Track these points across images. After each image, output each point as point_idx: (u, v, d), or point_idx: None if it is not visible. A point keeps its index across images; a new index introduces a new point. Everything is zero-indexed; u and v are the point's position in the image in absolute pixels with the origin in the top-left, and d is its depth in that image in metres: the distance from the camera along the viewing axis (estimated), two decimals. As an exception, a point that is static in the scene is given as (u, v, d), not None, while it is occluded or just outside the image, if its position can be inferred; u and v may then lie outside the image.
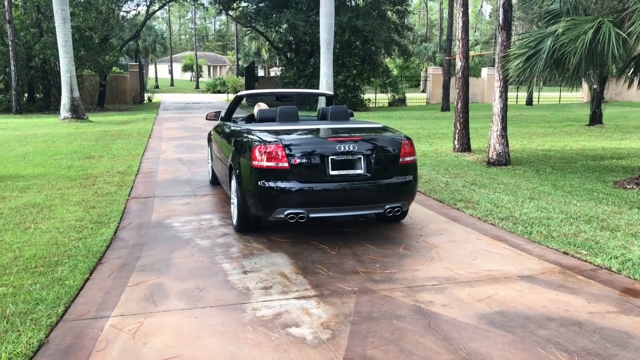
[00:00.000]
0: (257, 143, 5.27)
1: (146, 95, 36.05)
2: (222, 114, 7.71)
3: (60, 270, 4.59)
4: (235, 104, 7.36)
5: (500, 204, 7.06)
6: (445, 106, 26.48)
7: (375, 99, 31.81)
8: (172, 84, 69.91)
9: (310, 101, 22.25)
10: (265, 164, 5.13)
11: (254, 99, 13.60)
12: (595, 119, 19.00)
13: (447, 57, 26.44)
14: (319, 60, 20.67)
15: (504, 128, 10.72)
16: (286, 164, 5.08)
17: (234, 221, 5.86)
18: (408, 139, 5.50)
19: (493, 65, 47.32)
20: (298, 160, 5.08)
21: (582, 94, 36.87)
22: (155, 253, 5.17)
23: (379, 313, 3.84)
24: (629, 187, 8.76)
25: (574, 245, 5.32)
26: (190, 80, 79.34)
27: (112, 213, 6.53)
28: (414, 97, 36.30)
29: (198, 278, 4.51)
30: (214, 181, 8.14)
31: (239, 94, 7.17)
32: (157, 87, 59.47)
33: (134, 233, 5.83)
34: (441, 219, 6.37)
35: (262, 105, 7.31)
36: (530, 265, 4.82)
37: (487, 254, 5.11)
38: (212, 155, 8.02)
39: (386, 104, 32.12)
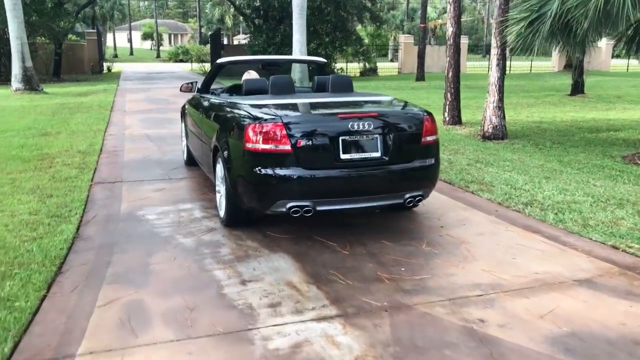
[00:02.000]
0: (250, 121, 4.34)
1: (105, 65, 34.15)
2: (199, 85, 6.69)
3: (9, 287, 3.62)
4: (214, 73, 6.35)
5: (516, 185, 6.30)
6: (420, 76, 25.66)
7: (347, 69, 30.77)
8: (131, 53, 67.15)
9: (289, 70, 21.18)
10: (261, 146, 4.21)
11: (236, 67, 12.34)
12: (577, 88, 18.48)
13: (421, 25, 25.54)
14: (290, 27, 19.51)
15: (501, 99, 9.97)
16: (288, 147, 4.16)
17: (221, 213, 4.95)
18: (429, 114, 4.64)
19: (468, 33, 46.54)
20: (302, 142, 4.17)
21: (552, 63, 36.58)
22: (129, 257, 4.23)
23: (424, 340, 3.02)
24: (640, 162, 8.15)
25: (620, 237, 4.60)
26: (151, 49, 76.46)
27: (73, 203, 5.52)
28: (384, 67, 35.33)
29: (186, 292, 3.61)
30: (190, 161, 7.17)
31: (219, 61, 6.17)
32: (116, 56, 56.91)
33: (100, 229, 4.86)
34: (458, 205, 5.57)
35: (253, 74, 6.34)
36: (581, 264, 4.07)
37: (525, 251, 4.34)
38: (187, 132, 7.02)
39: (358, 74, 31.13)
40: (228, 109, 4.95)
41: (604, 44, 33.95)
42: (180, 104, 15.72)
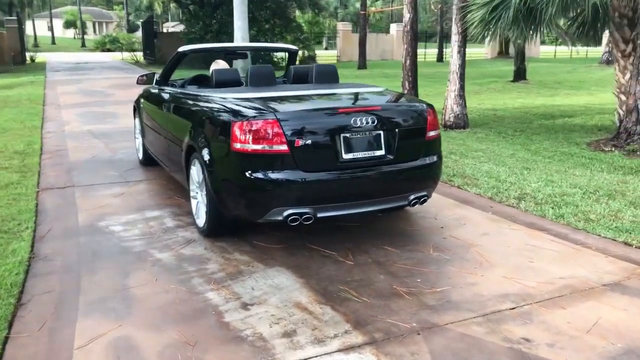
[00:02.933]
0: (237, 117, 3.80)
1: (28, 55, 31.97)
2: (157, 76, 6.03)
3: (-39, 329, 2.96)
4: (175, 63, 5.71)
5: (500, 177, 6.06)
6: (362, 64, 25.44)
7: (286, 57, 30.12)
8: (53, 42, 63.53)
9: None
10: (252, 146, 3.70)
11: (198, 56, 11.29)
12: (520, 74, 18.74)
13: (362, 12, 25.27)
14: (227, 14, 18.72)
15: (462, 87, 9.76)
16: (285, 147, 3.66)
17: (200, 222, 4.39)
18: (431, 106, 4.25)
19: (400, 21, 46.86)
20: (301, 141, 3.68)
21: (485, 50, 37.29)
22: (100, 279, 3.63)
23: (474, 369, 2.63)
24: (606, 149, 8.14)
25: (627, 232, 4.40)
26: (74, 38, 72.70)
27: (21, 215, 4.80)
28: (322, 55, 34.93)
29: (181, 322, 3.07)
30: (147, 161, 6.50)
31: (181, 49, 5.54)
32: (36, 45, 53.63)
33: (59, 246, 4.20)
34: (449, 202, 5.24)
35: (221, 64, 5.73)
36: (603, 266, 3.80)
37: (539, 252, 4.04)
38: (143, 128, 6.35)
39: (297, 63, 30.58)
40: (204, 104, 4.38)
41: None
42: (120, 96, 14.92)
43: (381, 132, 3.89)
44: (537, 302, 3.28)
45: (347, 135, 3.79)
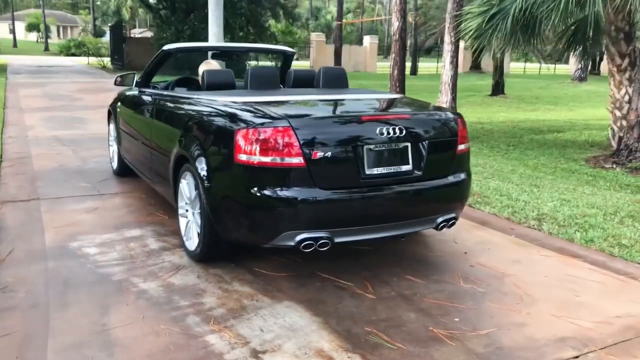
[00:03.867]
0: (243, 124, 3.23)
1: (-13, 57, 30.63)
2: (137, 78, 5.39)
3: None
4: (158, 63, 5.08)
5: (511, 195, 5.60)
6: (337, 74, 24.97)
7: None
8: (15, 45, 61.42)
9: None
10: (260, 158, 3.12)
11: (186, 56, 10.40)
12: (498, 89, 18.59)
13: (338, 22, 24.91)
14: (199, 20, 18.04)
15: (454, 99, 9.38)
16: (301, 160, 3.10)
17: (191, 245, 3.78)
18: (460, 116, 3.74)
19: (369, 34, 46.81)
20: (319, 153, 3.12)
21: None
22: (74, 316, 2.99)
23: None
24: (607, 166, 7.84)
25: (668, 260, 3.96)
26: (37, 41, 70.53)
27: (-24, 233, 4.10)
28: (295, 65, 34.40)
29: (179, 377, 2.46)
30: (122, 171, 5.84)
31: (166, 48, 4.92)
32: (-3, 48, 51.73)
33: (23, 272, 3.53)
34: (465, 223, 4.74)
35: (213, 64, 5.12)
36: (658, 301, 3.34)
37: (582, 284, 3.56)
38: (120, 135, 5.69)
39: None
40: (200, 108, 3.79)
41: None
42: (88, 101, 14.06)
43: (408, 145, 3.37)
44: (602, 349, 2.78)
45: (371, 147, 3.25)
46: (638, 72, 7.91)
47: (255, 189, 3.15)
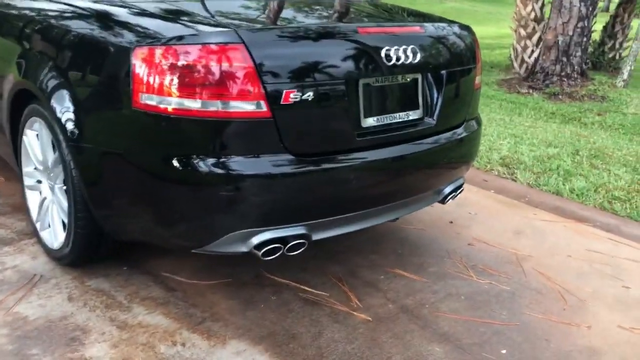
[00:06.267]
0: (147, 38, 1.76)
1: None
2: None
3: None
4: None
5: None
6: None
7: None
8: None
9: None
10: (182, 102, 1.71)
11: None
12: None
13: None
14: None
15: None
16: (262, 105, 1.72)
17: (49, 238, 2.29)
18: (472, 32, 2.50)
19: None
20: (294, 94, 1.76)
21: None
22: None
23: None
24: (523, 91, 7.24)
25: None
26: None
27: None
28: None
29: None
30: None
31: None
32: None
33: None
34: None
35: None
36: None
37: (616, 265, 2.69)
38: None
39: None
40: (61, 6, 2.19)
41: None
42: None
43: (418, 77, 2.11)
44: None
45: (370, 81, 1.95)
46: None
47: (175, 158, 1.75)
